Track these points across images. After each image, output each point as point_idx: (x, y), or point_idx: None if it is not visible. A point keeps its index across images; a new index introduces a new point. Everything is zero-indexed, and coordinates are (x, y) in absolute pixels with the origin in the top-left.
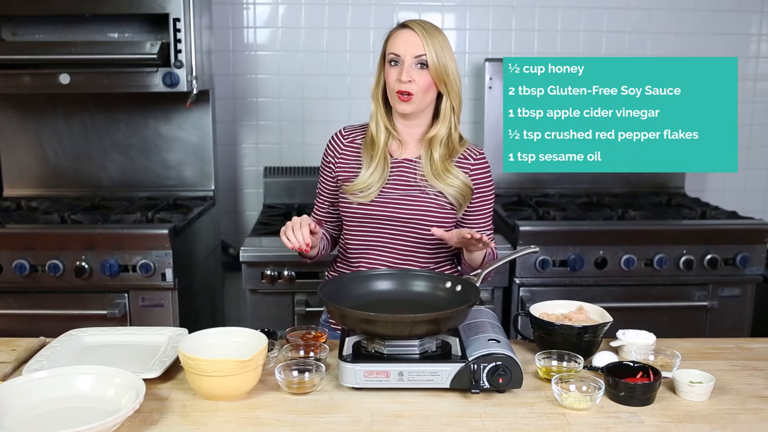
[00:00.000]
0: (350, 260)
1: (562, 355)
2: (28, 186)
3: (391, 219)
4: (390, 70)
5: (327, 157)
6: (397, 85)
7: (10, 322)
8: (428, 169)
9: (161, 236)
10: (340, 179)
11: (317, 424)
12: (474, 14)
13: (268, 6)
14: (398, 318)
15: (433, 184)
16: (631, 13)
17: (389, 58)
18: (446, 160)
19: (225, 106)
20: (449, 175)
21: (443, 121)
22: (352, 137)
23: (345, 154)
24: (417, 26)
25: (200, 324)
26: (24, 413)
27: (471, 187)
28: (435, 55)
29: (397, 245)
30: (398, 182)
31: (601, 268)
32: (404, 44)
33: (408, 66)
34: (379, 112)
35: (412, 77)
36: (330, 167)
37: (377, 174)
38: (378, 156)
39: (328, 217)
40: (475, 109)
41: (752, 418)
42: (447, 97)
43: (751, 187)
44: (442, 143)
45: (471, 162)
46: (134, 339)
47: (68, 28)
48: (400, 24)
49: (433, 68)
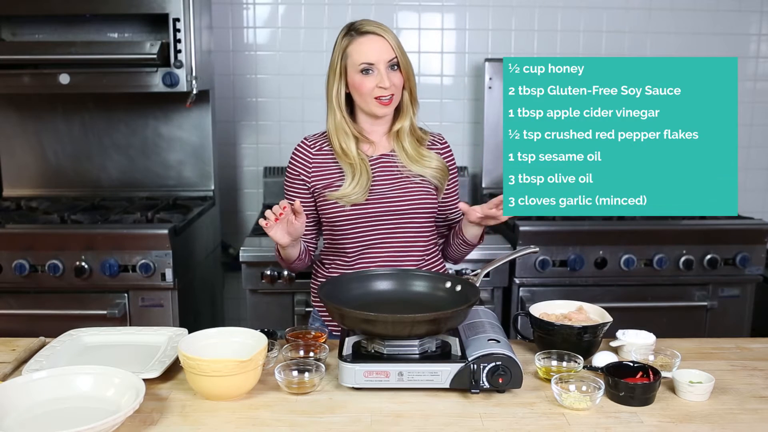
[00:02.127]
0: (348, 261)
1: (561, 355)
2: (28, 186)
3: (388, 213)
4: (364, 80)
5: (296, 170)
6: (377, 92)
7: (10, 322)
8: (405, 158)
9: (161, 236)
10: (319, 187)
11: (317, 424)
12: (474, 14)
13: (268, 6)
14: (398, 318)
15: (414, 169)
16: (631, 13)
17: (361, 68)
18: (417, 147)
19: (225, 106)
20: (425, 158)
21: (405, 112)
22: (318, 145)
23: (317, 163)
24: (377, 28)
25: (200, 324)
26: (24, 413)
27: (447, 168)
28: (402, 54)
29: (395, 239)
30: (383, 177)
31: (600, 268)
32: (375, 51)
33: (384, 72)
34: (344, 121)
35: (391, 81)
36: (302, 180)
37: (363, 179)
38: (356, 163)
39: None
40: (475, 109)
41: (752, 418)
42: (408, 88)
43: (751, 187)
44: (407, 133)
45: (439, 147)
46: (134, 339)
47: (68, 28)
48: (354, 30)
49: (403, 67)
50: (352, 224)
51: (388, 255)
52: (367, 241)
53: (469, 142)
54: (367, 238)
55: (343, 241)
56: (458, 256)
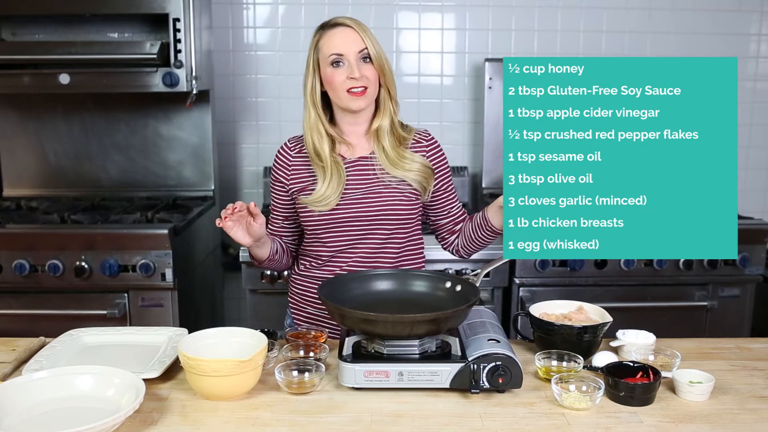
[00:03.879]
0: (320, 264)
1: (562, 355)
2: (28, 186)
3: (358, 219)
4: (334, 72)
5: (277, 174)
6: (348, 83)
7: (10, 322)
8: (384, 160)
9: (161, 236)
10: (295, 190)
11: (317, 424)
12: (474, 14)
13: (268, 6)
14: (398, 318)
15: (393, 173)
16: (631, 13)
17: (331, 59)
18: (397, 147)
19: (225, 106)
20: (406, 160)
21: (384, 110)
22: (299, 147)
23: (296, 165)
24: (348, 20)
25: (200, 324)
26: (24, 413)
27: (431, 168)
28: (373, 47)
29: (367, 244)
30: (358, 181)
31: (601, 268)
32: (343, 42)
33: (354, 63)
34: (319, 120)
35: (362, 72)
36: (282, 182)
37: (334, 183)
38: (328, 166)
39: (283, 232)
40: (475, 109)
41: (752, 418)
42: (385, 85)
43: (751, 187)
44: (387, 132)
45: (425, 144)
46: (134, 339)
47: (68, 28)
48: (326, 24)
49: (376, 60)
50: (322, 229)
51: (359, 258)
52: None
53: (469, 142)
54: (339, 242)
55: (315, 244)
56: (478, 248)
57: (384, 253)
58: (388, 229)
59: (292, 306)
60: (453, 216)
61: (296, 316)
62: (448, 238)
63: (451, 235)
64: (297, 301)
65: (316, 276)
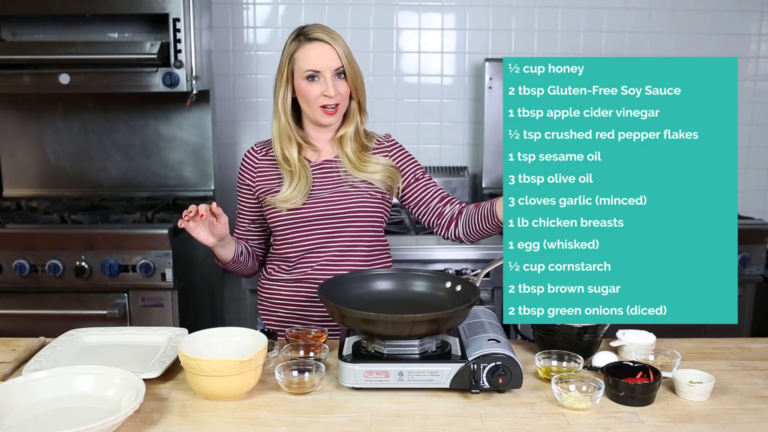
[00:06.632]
0: (290, 267)
1: (562, 355)
2: (28, 186)
3: (325, 218)
4: (309, 86)
5: (243, 178)
6: (323, 100)
7: (10, 322)
8: (348, 164)
9: (161, 236)
10: (262, 192)
11: (317, 424)
12: (474, 14)
13: (268, 6)
14: (398, 318)
15: (358, 176)
16: (631, 13)
17: (306, 74)
18: (359, 153)
19: (225, 106)
20: (369, 163)
21: (351, 119)
22: (265, 150)
23: (262, 168)
24: (325, 35)
25: (200, 324)
26: (24, 413)
27: (395, 167)
28: (349, 63)
29: (334, 244)
30: (325, 183)
31: None
32: (321, 59)
33: (330, 80)
34: (289, 127)
35: (337, 89)
36: (248, 185)
37: (302, 185)
38: (296, 169)
39: (250, 235)
40: (475, 109)
41: (752, 418)
42: (356, 98)
43: (751, 187)
44: (351, 139)
45: (386, 146)
46: (134, 339)
47: (68, 28)
48: (303, 36)
49: (350, 77)
50: (290, 230)
51: (328, 259)
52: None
53: (469, 142)
54: (306, 242)
55: (284, 246)
56: (483, 236)
57: (353, 256)
58: (355, 228)
59: (262, 311)
60: (437, 195)
61: (267, 320)
62: (443, 222)
63: (443, 219)
64: (267, 306)
65: (285, 279)
